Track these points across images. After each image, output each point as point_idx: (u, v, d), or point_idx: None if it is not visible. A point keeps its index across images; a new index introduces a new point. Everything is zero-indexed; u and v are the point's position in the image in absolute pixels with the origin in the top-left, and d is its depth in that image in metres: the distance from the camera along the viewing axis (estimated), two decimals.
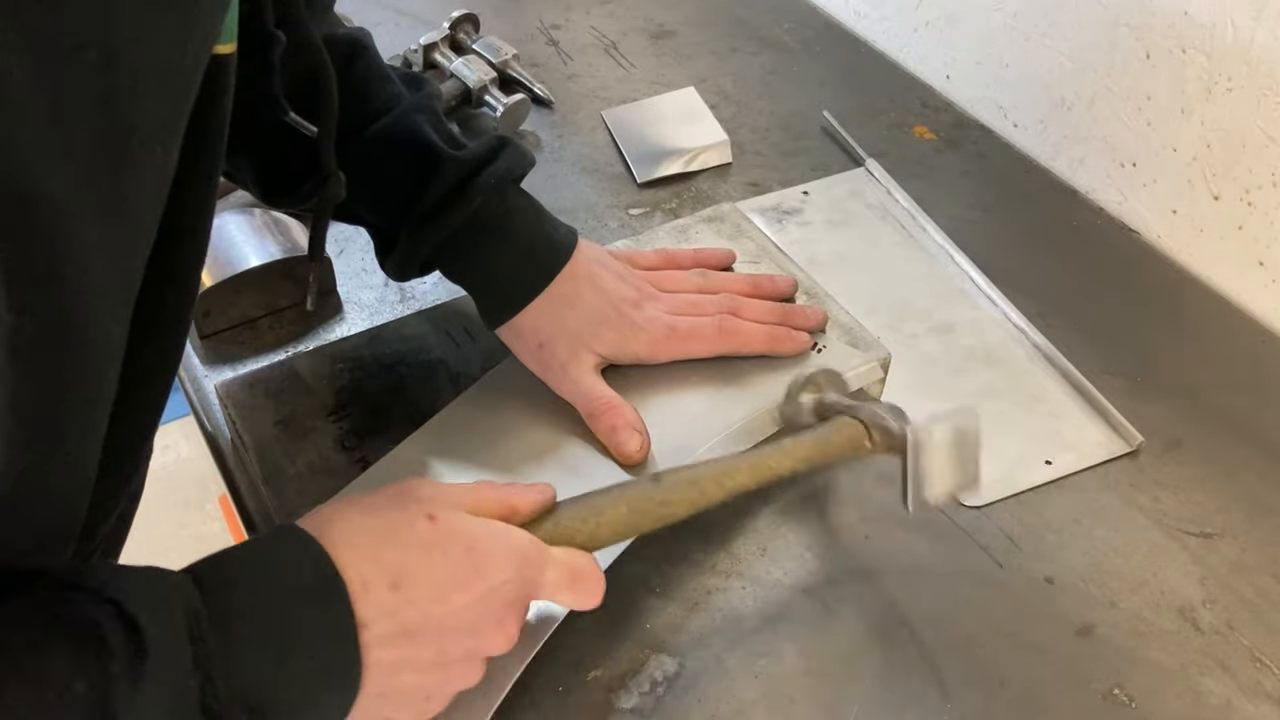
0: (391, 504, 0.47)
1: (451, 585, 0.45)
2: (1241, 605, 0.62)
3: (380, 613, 0.43)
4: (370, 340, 0.73)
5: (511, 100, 0.93)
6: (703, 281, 0.69)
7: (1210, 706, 0.57)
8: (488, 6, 1.09)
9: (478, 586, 0.46)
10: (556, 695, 0.55)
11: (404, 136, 0.63)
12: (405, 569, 0.44)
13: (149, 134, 0.34)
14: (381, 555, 0.44)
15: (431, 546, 0.45)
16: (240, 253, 0.73)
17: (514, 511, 0.50)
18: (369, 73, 0.65)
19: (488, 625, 0.47)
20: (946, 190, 0.91)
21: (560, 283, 0.63)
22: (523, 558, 0.48)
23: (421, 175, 0.62)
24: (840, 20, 1.14)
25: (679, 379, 0.65)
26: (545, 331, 0.63)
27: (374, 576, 0.43)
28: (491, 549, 0.47)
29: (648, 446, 0.61)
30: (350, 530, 0.45)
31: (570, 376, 0.63)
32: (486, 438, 0.63)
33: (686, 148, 0.93)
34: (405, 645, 0.44)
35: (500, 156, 0.63)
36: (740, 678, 0.57)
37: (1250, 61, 0.77)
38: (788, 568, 0.62)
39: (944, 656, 0.58)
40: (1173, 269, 0.85)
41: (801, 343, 0.66)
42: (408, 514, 0.46)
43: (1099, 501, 0.67)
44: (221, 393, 0.68)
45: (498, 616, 0.47)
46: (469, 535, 0.47)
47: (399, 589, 0.43)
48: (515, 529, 0.49)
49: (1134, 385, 0.74)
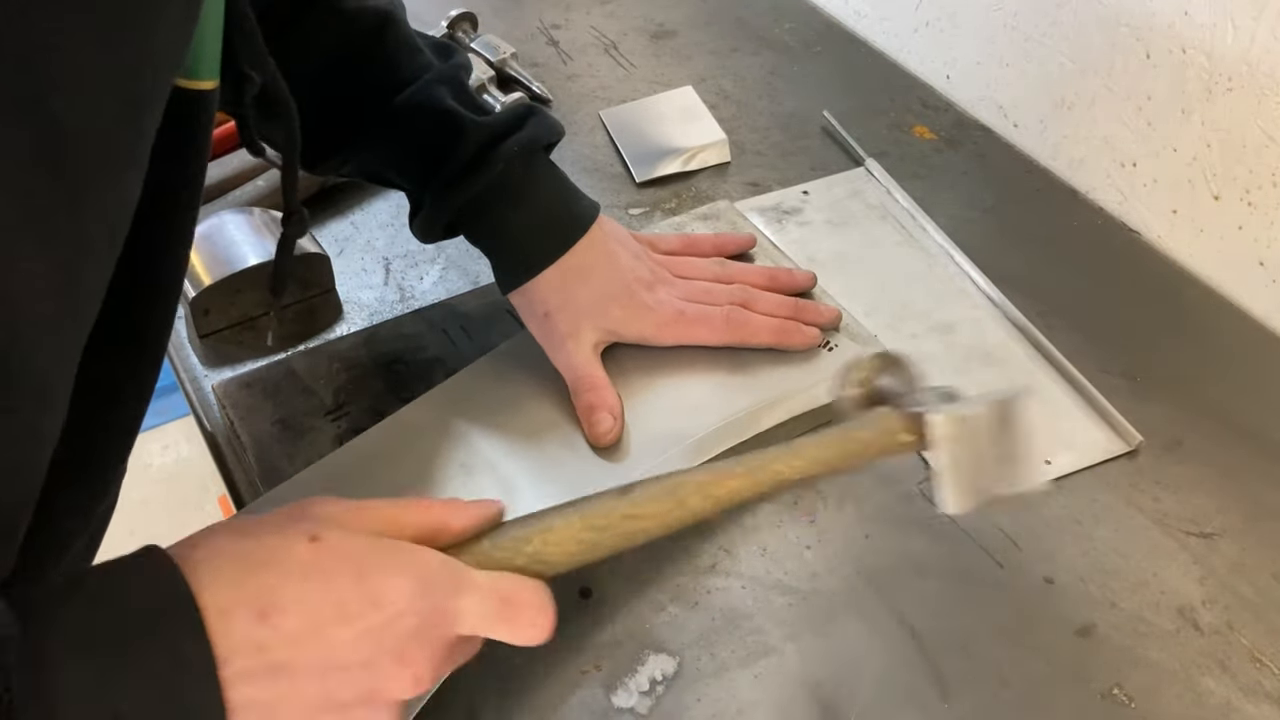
0: (274, 526, 0.41)
1: (332, 617, 0.39)
2: (1241, 605, 0.62)
3: (243, 646, 0.37)
4: (367, 339, 0.73)
5: (509, 99, 0.93)
6: (720, 270, 0.69)
7: (1210, 706, 0.57)
8: (488, 6, 1.09)
9: (366, 619, 0.39)
10: (556, 695, 0.55)
11: (428, 105, 0.64)
12: (275, 598, 0.38)
13: (100, 162, 0.33)
14: (247, 581, 0.38)
15: (310, 572, 0.39)
16: (239, 252, 0.73)
17: (441, 530, 0.44)
18: (398, 43, 0.65)
19: (384, 663, 0.40)
20: (946, 190, 0.90)
21: (576, 253, 0.64)
22: (426, 582, 0.41)
23: (444, 142, 0.63)
24: (840, 20, 1.14)
25: (681, 365, 0.66)
26: (553, 302, 0.64)
27: (235, 605, 0.37)
28: (383, 574, 0.40)
29: (619, 431, 0.61)
30: (215, 553, 0.39)
31: (567, 349, 0.63)
32: (486, 408, 0.64)
33: (685, 147, 0.93)
34: (277, 683, 0.38)
35: (526, 125, 0.64)
36: (740, 678, 0.57)
37: (1250, 61, 0.77)
38: (788, 568, 0.62)
39: (944, 656, 0.58)
40: (1173, 269, 0.85)
41: (811, 338, 0.67)
42: (287, 536, 0.40)
43: (1099, 501, 0.67)
44: (219, 393, 0.68)
45: (395, 653, 0.40)
46: (356, 559, 0.40)
47: (266, 619, 0.38)
48: (422, 550, 0.42)
49: (1134, 385, 0.74)
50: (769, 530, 0.64)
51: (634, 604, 0.60)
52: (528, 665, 0.56)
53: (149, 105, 0.35)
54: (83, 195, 0.33)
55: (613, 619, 0.59)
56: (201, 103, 0.41)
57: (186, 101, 0.40)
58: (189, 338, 0.75)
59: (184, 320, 0.75)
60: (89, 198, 0.33)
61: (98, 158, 0.33)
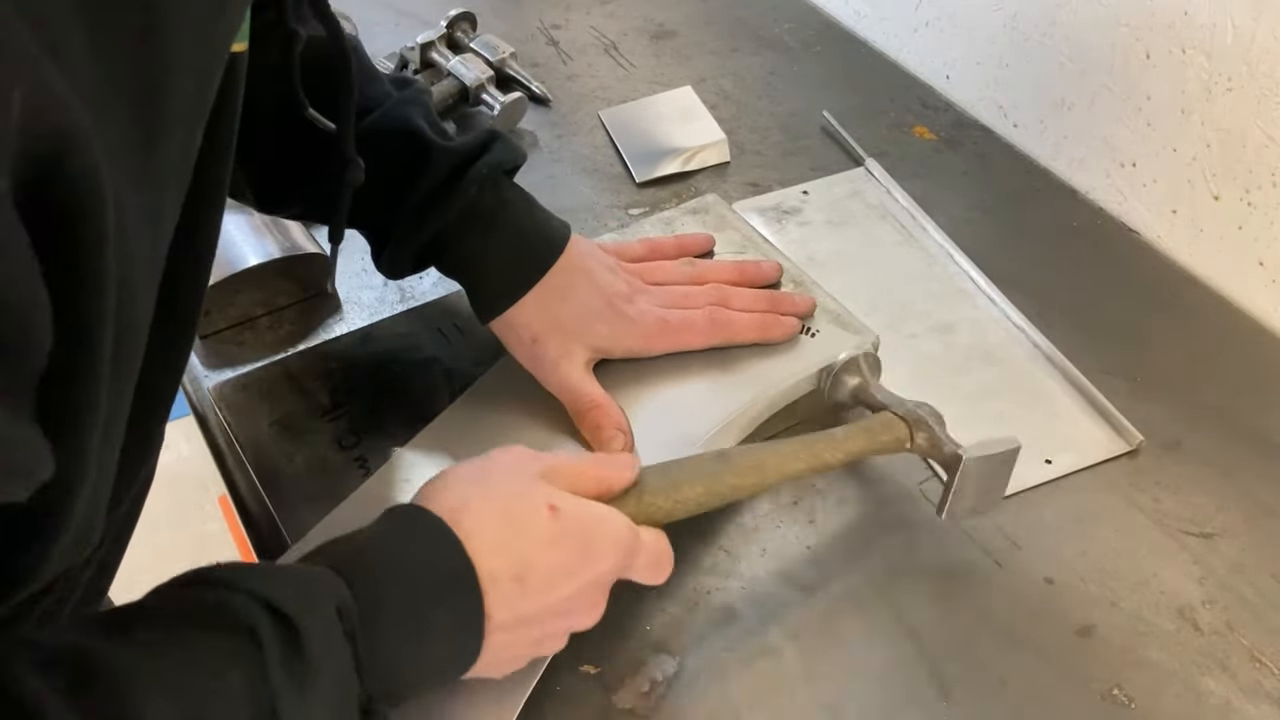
0: (512, 486, 0.50)
1: (564, 575, 0.48)
2: (1241, 605, 0.62)
3: (504, 603, 0.46)
4: (362, 339, 0.73)
5: (509, 98, 0.93)
6: (691, 271, 0.69)
7: (1210, 706, 0.57)
8: (488, 7, 1.08)
9: (585, 575, 0.49)
10: (556, 695, 0.55)
11: (396, 129, 0.63)
12: (529, 562, 0.47)
13: (176, 114, 0.35)
14: (509, 550, 0.47)
15: (554, 540, 0.48)
16: (239, 251, 0.73)
17: (609, 490, 0.53)
18: (359, 71, 0.64)
19: (584, 607, 0.50)
20: (946, 190, 0.90)
21: (554, 275, 0.63)
22: (624, 548, 0.50)
23: (414, 166, 0.62)
24: (840, 20, 1.14)
25: (674, 371, 0.65)
26: (538, 326, 0.63)
27: (501, 571, 0.46)
28: (601, 541, 0.50)
29: (631, 447, 0.61)
30: (481, 522, 0.47)
31: (560, 372, 0.63)
32: (487, 437, 0.63)
33: (684, 147, 0.93)
34: (519, 629, 0.47)
35: (492, 148, 0.63)
36: (740, 678, 0.57)
37: (1250, 61, 0.77)
38: (788, 568, 0.62)
39: (944, 656, 0.58)
40: (1173, 269, 0.85)
41: (791, 328, 0.67)
42: (531, 503, 0.49)
43: (1099, 501, 0.67)
44: (215, 395, 0.68)
45: (593, 599, 0.50)
46: (585, 528, 0.50)
47: (522, 581, 0.47)
48: (616, 515, 0.51)
49: (1134, 385, 0.74)
50: (769, 530, 0.64)
51: (634, 604, 0.60)
52: None
53: (217, 65, 0.38)
54: (168, 143, 0.35)
55: (613, 620, 0.59)
56: (236, 66, 0.42)
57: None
58: None
59: None
60: (171, 148, 0.36)
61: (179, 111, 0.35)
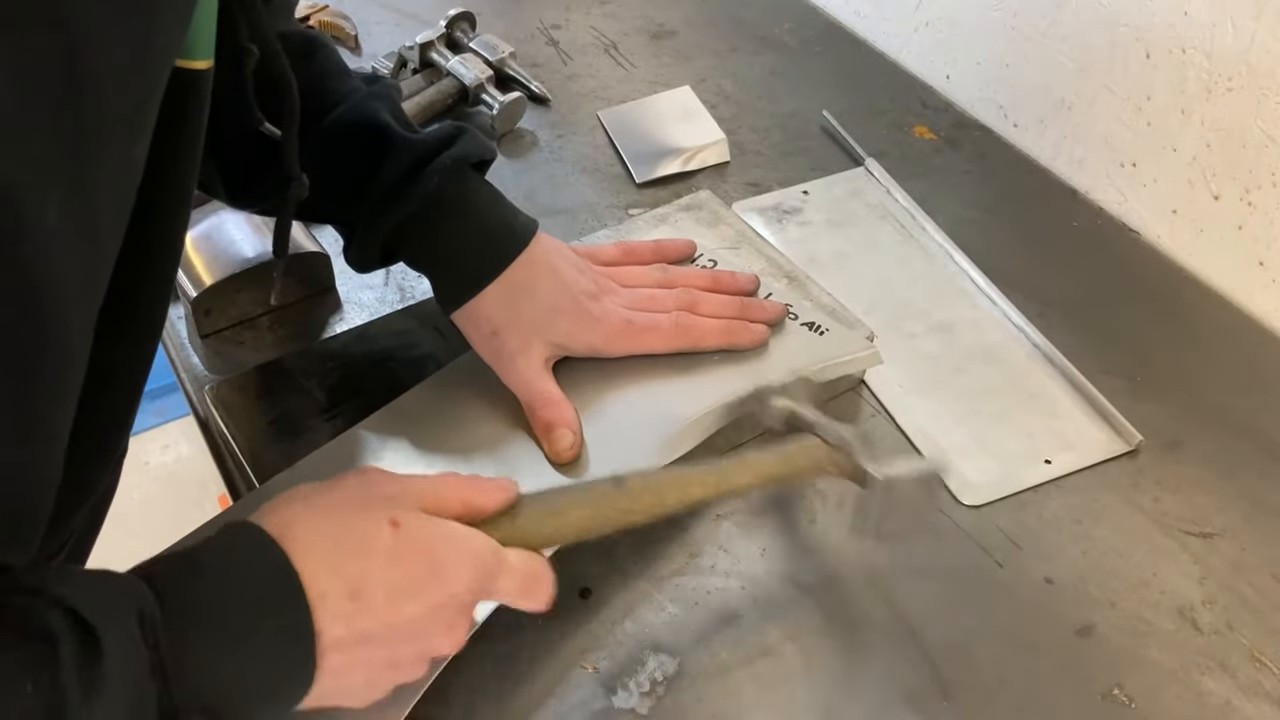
0: (353, 504, 0.47)
1: (408, 594, 0.46)
2: (1241, 605, 0.62)
3: (337, 620, 0.43)
4: (358, 338, 0.73)
5: (508, 98, 0.93)
6: (662, 276, 0.69)
7: (1210, 706, 0.57)
8: (488, 7, 1.08)
9: (434, 595, 0.46)
10: (556, 695, 0.55)
11: (360, 122, 0.63)
12: (365, 579, 0.44)
13: (108, 130, 0.35)
14: (342, 567, 0.44)
15: (393, 556, 0.46)
16: (239, 251, 0.73)
17: (476, 512, 0.50)
18: (326, 67, 0.65)
19: (439, 629, 0.47)
20: (946, 190, 0.90)
21: (518, 268, 0.63)
22: (480, 567, 0.48)
23: (377, 158, 0.62)
24: (840, 20, 1.14)
25: (636, 374, 0.65)
26: (499, 319, 0.63)
27: (333, 588, 0.43)
28: (450, 559, 0.47)
29: (579, 447, 0.61)
30: (312, 537, 0.44)
31: (518, 367, 0.62)
32: (438, 426, 0.63)
33: (684, 147, 0.93)
34: (359, 649, 0.44)
35: (457, 142, 0.63)
36: (740, 678, 0.57)
37: (1250, 61, 0.77)
38: (787, 568, 0.62)
39: (944, 656, 0.58)
40: (1173, 269, 0.85)
41: (759, 335, 0.66)
42: (371, 518, 0.46)
43: (1099, 501, 0.67)
44: (212, 395, 0.68)
45: (450, 621, 0.48)
46: (429, 545, 0.47)
47: (358, 598, 0.44)
48: (475, 534, 0.49)
49: (1134, 385, 0.74)
50: (769, 530, 0.64)
51: (634, 604, 0.60)
52: (528, 665, 0.56)
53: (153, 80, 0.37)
54: (100, 161, 0.35)
55: (613, 619, 0.59)
56: (197, 82, 0.42)
57: (183, 81, 0.41)
58: (189, 338, 0.75)
59: (184, 320, 0.75)
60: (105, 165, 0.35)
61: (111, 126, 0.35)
